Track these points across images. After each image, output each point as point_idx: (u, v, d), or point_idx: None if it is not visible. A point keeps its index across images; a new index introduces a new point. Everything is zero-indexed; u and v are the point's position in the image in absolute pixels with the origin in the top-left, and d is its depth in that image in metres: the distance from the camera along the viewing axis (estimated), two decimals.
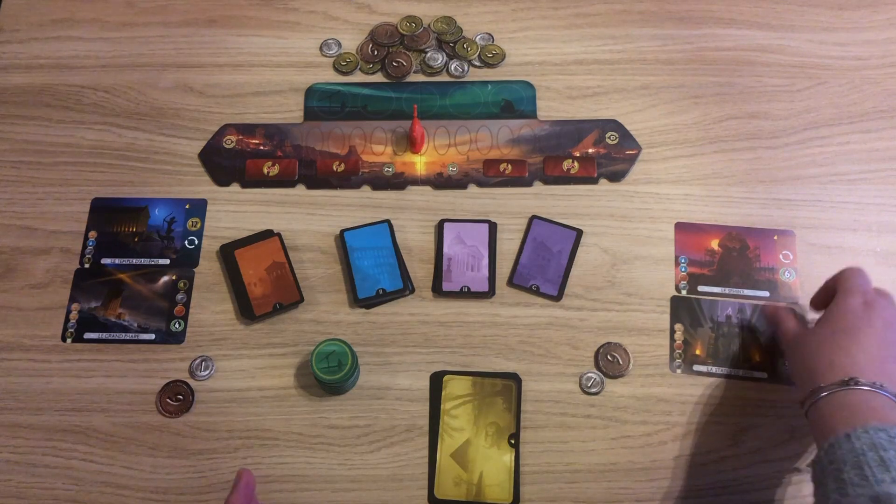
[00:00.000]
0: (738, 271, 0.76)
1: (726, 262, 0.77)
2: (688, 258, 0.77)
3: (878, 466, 0.52)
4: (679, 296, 0.76)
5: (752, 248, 0.77)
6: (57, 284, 0.76)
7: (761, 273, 0.77)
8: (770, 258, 0.77)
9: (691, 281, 0.76)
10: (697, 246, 0.78)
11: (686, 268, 0.77)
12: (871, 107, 0.84)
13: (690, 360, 0.73)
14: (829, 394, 0.60)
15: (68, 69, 0.86)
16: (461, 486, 0.68)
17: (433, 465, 0.69)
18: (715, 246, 0.78)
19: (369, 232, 0.77)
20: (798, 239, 0.78)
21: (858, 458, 0.54)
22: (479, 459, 0.69)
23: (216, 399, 0.71)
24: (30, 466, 0.69)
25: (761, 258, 0.77)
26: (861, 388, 0.59)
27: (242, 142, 0.82)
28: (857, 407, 0.58)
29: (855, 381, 0.59)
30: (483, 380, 0.72)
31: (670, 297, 0.75)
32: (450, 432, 0.70)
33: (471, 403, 0.71)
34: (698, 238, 0.78)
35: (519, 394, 0.71)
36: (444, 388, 0.71)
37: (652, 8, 0.89)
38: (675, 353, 0.73)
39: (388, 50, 0.87)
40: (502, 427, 0.70)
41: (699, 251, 0.77)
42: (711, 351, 0.73)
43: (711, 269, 0.77)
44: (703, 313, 0.75)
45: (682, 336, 0.74)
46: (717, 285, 0.76)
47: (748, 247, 0.78)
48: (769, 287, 0.76)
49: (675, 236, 0.78)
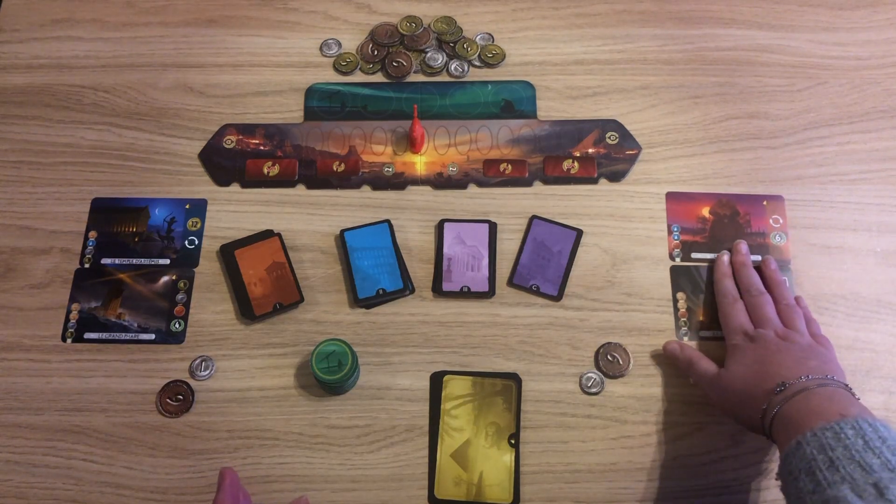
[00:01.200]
0: (730, 237, 0.77)
1: (718, 228, 0.78)
2: (680, 226, 0.78)
3: (829, 469, 0.51)
4: (678, 265, 0.76)
5: (743, 213, 0.79)
6: (57, 284, 0.76)
7: (752, 238, 0.78)
8: (760, 223, 0.78)
9: (684, 248, 0.77)
10: (689, 214, 0.78)
11: (679, 236, 0.78)
12: (871, 107, 0.84)
13: (696, 327, 0.74)
14: (773, 411, 0.59)
15: (68, 69, 0.86)
16: (461, 485, 0.68)
17: (433, 465, 0.69)
18: (706, 213, 0.79)
19: (369, 232, 0.77)
20: (797, 238, 0.78)
21: (810, 464, 0.52)
22: (479, 459, 0.69)
23: (216, 399, 0.71)
24: (30, 466, 0.69)
25: (752, 223, 0.78)
26: (793, 391, 0.59)
27: (242, 142, 0.82)
28: (800, 413, 0.57)
29: (783, 384, 0.59)
30: (483, 380, 0.72)
31: (670, 266, 0.76)
32: (450, 432, 0.70)
33: (471, 403, 0.71)
34: (689, 206, 0.79)
35: (519, 394, 0.71)
36: (444, 388, 0.71)
37: (652, 8, 0.89)
38: (680, 322, 0.74)
39: (388, 50, 0.87)
40: (502, 427, 0.70)
41: (691, 219, 0.78)
42: (715, 315, 0.74)
43: (703, 237, 0.78)
44: (703, 280, 0.76)
45: (685, 304, 0.75)
46: (710, 252, 0.77)
47: (738, 213, 0.79)
48: (761, 251, 0.77)
49: (666, 205, 0.79)
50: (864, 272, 0.76)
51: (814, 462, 0.52)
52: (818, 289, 0.76)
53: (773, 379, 0.61)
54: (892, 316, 0.75)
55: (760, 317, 0.70)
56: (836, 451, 0.51)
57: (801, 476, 0.52)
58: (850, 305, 0.75)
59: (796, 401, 0.58)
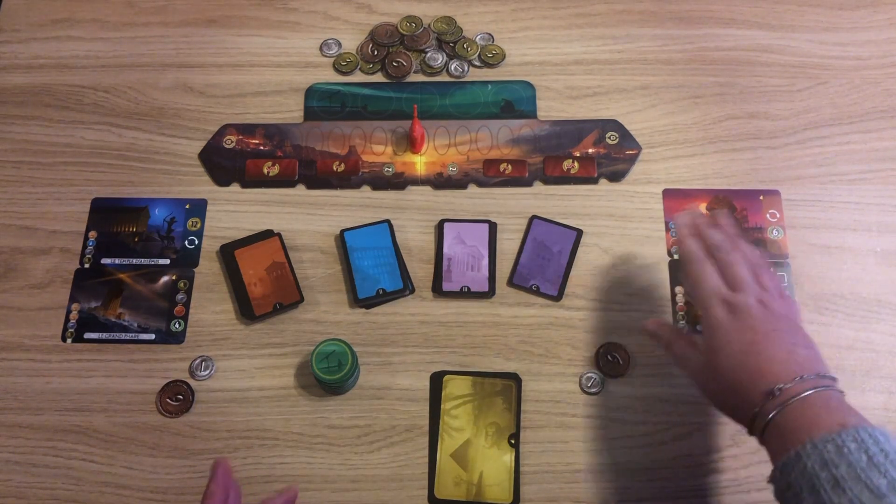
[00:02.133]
0: None
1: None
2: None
3: (834, 489, 0.49)
4: (676, 260, 0.77)
5: (740, 209, 0.79)
6: (57, 284, 0.76)
7: (750, 233, 0.78)
8: (757, 218, 0.78)
9: None
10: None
11: (675, 233, 0.77)
12: (871, 107, 0.84)
13: (694, 321, 0.74)
14: (767, 418, 0.55)
15: (68, 69, 0.86)
16: (461, 485, 0.68)
17: (433, 465, 0.69)
18: (703, 210, 0.79)
19: (369, 232, 0.77)
20: (798, 238, 0.78)
21: (812, 482, 0.50)
22: (480, 459, 0.69)
23: (216, 399, 0.71)
24: (30, 466, 0.69)
25: (749, 218, 0.78)
26: (787, 397, 0.54)
27: (242, 142, 0.82)
28: (796, 421, 0.54)
29: (778, 389, 0.55)
30: (483, 380, 0.72)
31: (668, 262, 0.77)
32: (450, 432, 0.70)
33: (471, 403, 0.71)
34: (686, 203, 0.79)
35: (519, 394, 0.71)
36: (444, 388, 0.71)
37: (652, 8, 0.89)
38: (678, 316, 0.74)
39: (388, 50, 0.87)
40: (502, 427, 0.70)
41: None
42: None
43: None
44: None
45: (683, 298, 0.75)
46: None
47: (735, 208, 0.79)
48: (759, 246, 0.77)
49: (663, 202, 0.79)
50: (864, 272, 0.76)
51: (817, 480, 0.50)
52: (818, 289, 0.76)
53: (766, 378, 0.56)
54: (893, 316, 0.75)
55: (736, 278, 0.61)
56: (840, 468, 0.49)
57: (804, 493, 0.50)
58: (851, 305, 0.75)
59: (792, 408, 0.55)
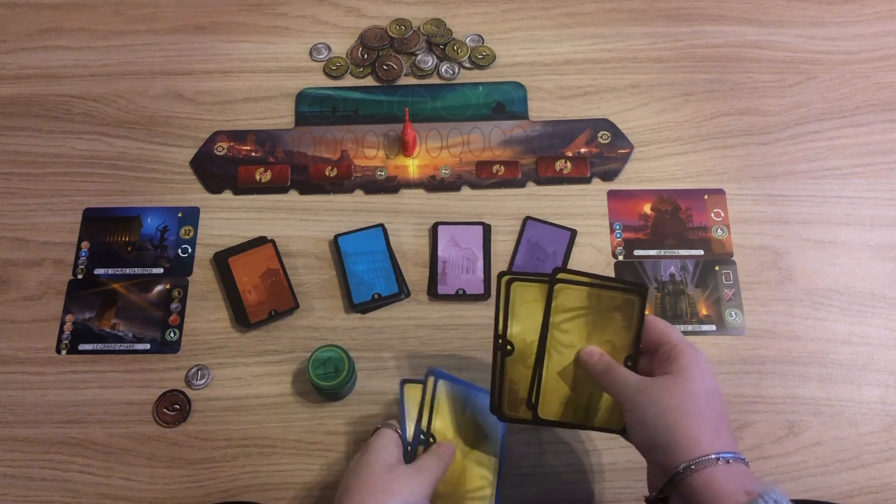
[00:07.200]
0: (672, 233, 0.78)
1: (659, 224, 0.78)
2: (622, 224, 0.78)
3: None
4: (622, 261, 0.77)
5: (684, 208, 0.79)
6: (50, 296, 0.75)
7: (694, 232, 0.78)
8: (702, 217, 0.79)
9: (627, 246, 0.77)
10: (630, 211, 0.79)
11: (621, 234, 0.78)
12: (861, 101, 0.84)
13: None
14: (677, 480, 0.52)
15: (57, 79, 0.86)
16: (569, 406, 0.60)
17: (538, 382, 0.60)
18: (647, 210, 0.79)
19: (363, 236, 0.77)
20: (791, 233, 0.78)
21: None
22: (590, 380, 0.59)
23: (213, 408, 0.71)
24: (27, 480, 0.69)
25: (693, 218, 0.79)
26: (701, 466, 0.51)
27: (234, 148, 0.82)
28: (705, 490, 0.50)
29: (695, 461, 0.51)
30: (601, 292, 0.59)
31: (613, 263, 0.77)
32: (559, 348, 0.60)
33: (584, 318, 0.60)
34: (631, 203, 0.79)
35: (642, 311, 0.59)
36: (554, 298, 0.60)
37: (641, 6, 0.89)
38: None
39: (378, 53, 0.87)
40: (618, 346, 0.59)
41: (632, 216, 0.79)
42: (660, 310, 0.75)
43: (646, 233, 0.78)
44: (648, 275, 0.76)
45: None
46: (653, 248, 0.77)
47: (680, 208, 0.79)
48: (703, 246, 0.77)
49: (608, 204, 0.79)
50: (858, 266, 0.77)
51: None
52: (812, 284, 0.76)
53: (690, 445, 0.52)
54: (887, 309, 0.75)
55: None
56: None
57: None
58: (845, 300, 0.75)
59: (702, 476, 0.51)
